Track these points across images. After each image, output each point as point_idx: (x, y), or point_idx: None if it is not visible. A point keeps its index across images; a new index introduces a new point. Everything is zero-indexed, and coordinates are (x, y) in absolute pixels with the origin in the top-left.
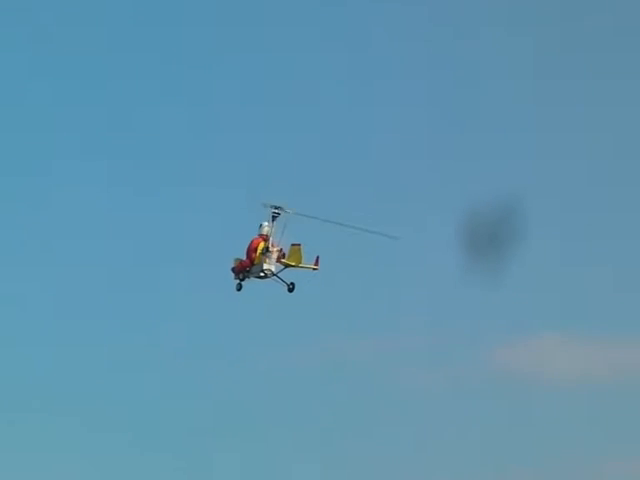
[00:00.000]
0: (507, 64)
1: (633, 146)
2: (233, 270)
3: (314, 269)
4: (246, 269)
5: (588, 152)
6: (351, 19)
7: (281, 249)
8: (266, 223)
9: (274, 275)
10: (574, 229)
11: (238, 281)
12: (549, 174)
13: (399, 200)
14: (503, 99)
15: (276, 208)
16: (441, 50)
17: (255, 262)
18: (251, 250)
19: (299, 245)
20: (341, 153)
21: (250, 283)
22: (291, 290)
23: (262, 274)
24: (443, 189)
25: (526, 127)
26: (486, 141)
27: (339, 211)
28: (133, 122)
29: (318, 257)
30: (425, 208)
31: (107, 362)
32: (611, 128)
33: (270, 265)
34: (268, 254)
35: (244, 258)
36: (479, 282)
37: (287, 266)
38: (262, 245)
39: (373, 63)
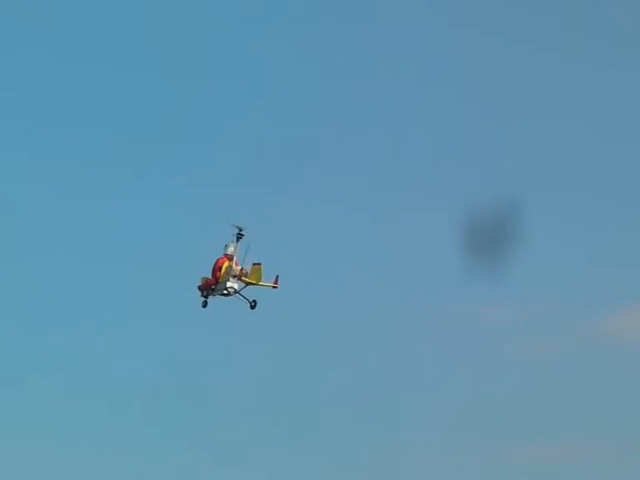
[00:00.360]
0: (508, 64)
1: (633, 146)
2: (199, 288)
3: (274, 287)
4: (211, 287)
5: (588, 152)
6: (351, 19)
7: (242, 268)
8: (231, 243)
9: (237, 293)
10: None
11: (203, 299)
12: (549, 174)
13: (399, 200)
14: (503, 99)
15: (240, 229)
16: (442, 50)
17: (220, 280)
18: (216, 269)
19: (259, 264)
20: (341, 153)
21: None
22: (253, 307)
23: (225, 292)
24: (443, 189)
25: (526, 127)
26: (486, 141)
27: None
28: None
29: (277, 276)
30: (425, 208)
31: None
32: (611, 128)
33: (233, 283)
34: (232, 273)
35: (210, 277)
36: (479, 282)
37: (248, 284)
38: (226, 264)
39: (373, 63)
